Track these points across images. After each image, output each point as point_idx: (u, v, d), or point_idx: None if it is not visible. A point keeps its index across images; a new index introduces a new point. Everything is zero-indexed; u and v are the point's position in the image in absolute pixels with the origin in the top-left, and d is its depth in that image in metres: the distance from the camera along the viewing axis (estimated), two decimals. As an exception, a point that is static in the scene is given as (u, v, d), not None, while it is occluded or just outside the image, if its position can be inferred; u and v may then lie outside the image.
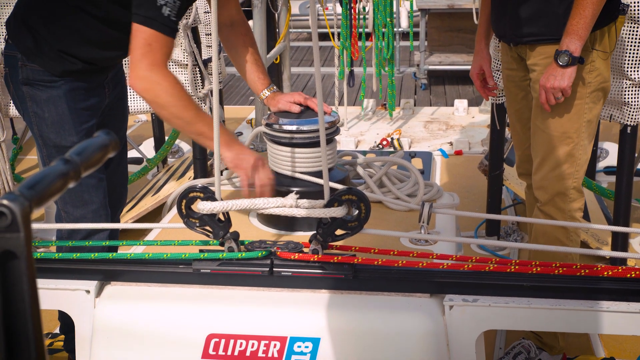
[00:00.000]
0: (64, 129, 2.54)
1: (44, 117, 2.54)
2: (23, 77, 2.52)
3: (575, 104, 2.65)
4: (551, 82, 2.58)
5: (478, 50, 3.02)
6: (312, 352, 1.76)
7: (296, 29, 10.53)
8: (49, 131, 2.56)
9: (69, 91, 2.53)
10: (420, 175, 2.79)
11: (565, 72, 2.56)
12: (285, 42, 5.30)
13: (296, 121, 2.45)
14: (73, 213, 2.63)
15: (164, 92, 2.18)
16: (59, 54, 2.49)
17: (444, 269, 1.83)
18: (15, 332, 0.78)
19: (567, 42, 2.55)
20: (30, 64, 2.50)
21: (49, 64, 2.50)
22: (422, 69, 8.21)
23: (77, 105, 2.55)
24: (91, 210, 2.62)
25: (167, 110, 2.21)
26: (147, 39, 2.18)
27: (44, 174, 0.83)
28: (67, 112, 2.53)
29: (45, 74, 2.50)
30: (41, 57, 2.50)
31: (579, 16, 2.51)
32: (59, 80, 2.51)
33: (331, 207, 1.85)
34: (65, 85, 2.52)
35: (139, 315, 1.87)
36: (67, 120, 2.54)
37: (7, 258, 0.76)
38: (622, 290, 1.72)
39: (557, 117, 2.68)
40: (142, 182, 4.88)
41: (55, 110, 2.53)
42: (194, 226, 1.93)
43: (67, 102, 2.52)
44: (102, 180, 2.66)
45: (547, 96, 2.61)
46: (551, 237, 2.78)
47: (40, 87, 2.52)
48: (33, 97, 2.53)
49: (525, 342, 2.89)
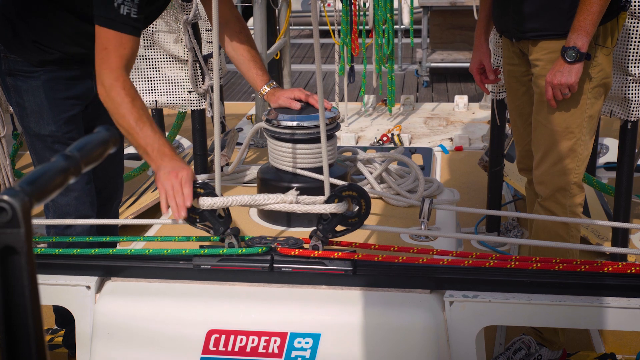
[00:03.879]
0: (42, 118, 2.58)
1: (24, 107, 2.58)
2: (6, 68, 2.57)
3: (578, 99, 2.65)
4: (558, 78, 2.57)
5: (478, 45, 3.01)
6: (313, 348, 1.76)
7: (297, 26, 10.51)
8: (29, 120, 2.60)
9: (47, 81, 2.56)
10: (420, 171, 2.79)
11: (573, 68, 2.56)
12: (285, 37, 5.29)
13: (296, 117, 2.45)
14: (58, 200, 2.64)
15: (109, 99, 2.17)
16: (34, 43, 2.52)
17: (444, 264, 1.83)
18: (16, 328, 0.78)
19: (574, 38, 2.54)
20: (11, 54, 2.55)
21: (27, 54, 2.54)
22: (424, 66, 8.20)
23: (56, 95, 2.57)
24: (74, 197, 2.64)
25: (112, 117, 2.19)
26: (103, 42, 2.19)
27: (44, 170, 0.83)
28: (46, 102, 2.56)
29: (25, 64, 2.55)
30: (20, 48, 2.53)
31: (586, 12, 2.51)
32: (39, 70, 2.55)
33: (331, 203, 1.85)
34: (44, 75, 2.55)
35: (139, 310, 1.88)
36: (46, 109, 2.57)
37: (8, 253, 0.76)
38: (623, 286, 1.72)
39: (559, 112, 2.68)
40: (142, 177, 4.87)
41: (34, 100, 2.57)
42: (194, 222, 1.93)
43: (45, 91, 2.56)
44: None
45: (554, 92, 2.61)
46: (552, 233, 2.78)
47: (21, 77, 2.56)
48: (15, 87, 2.58)
49: (525, 338, 2.89)
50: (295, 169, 2.46)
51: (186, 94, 3.74)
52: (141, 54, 3.70)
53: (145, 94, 3.77)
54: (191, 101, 3.74)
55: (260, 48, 4.46)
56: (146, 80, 3.77)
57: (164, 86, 3.76)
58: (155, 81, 3.76)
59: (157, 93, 3.79)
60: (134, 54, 2.26)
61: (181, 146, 5.57)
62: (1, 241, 0.76)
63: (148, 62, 3.75)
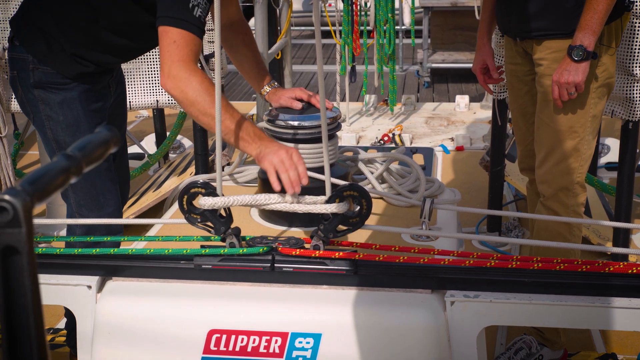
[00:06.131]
0: (80, 130, 2.52)
1: (58, 120, 2.52)
2: (35, 80, 2.48)
3: (583, 99, 2.65)
4: (565, 77, 2.57)
5: (480, 45, 3.01)
6: (314, 348, 1.76)
7: (298, 26, 10.50)
8: (65, 134, 2.53)
9: (82, 93, 2.51)
10: (421, 171, 2.79)
11: (580, 67, 2.55)
12: (286, 37, 5.29)
13: (298, 117, 2.45)
14: (88, 216, 2.58)
15: (192, 89, 2.09)
16: (72, 57, 2.47)
17: (446, 264, 1.83)
18: (17, 328, 0.78)
19: (580, 37, 2.54)
20: (43, 66, 2.47)
21: (62, 66, 2.48)
22: (425, 67, 8.20)
23: (89, 106, 2.54)
24: (107, 214, 2.58)
25: (195, 107, 2.10)
26: (172, 37, 2.13)
27: (45, 170, 0.83)
28: (82, 114, 2.52)
29: (58, 77, 2.48)
30: (54, 59, 2.47)
31: (593, 11, 2.51)
32: (72, 82, 2.49)
33: (333, 203, 1.85)
34: (79, 87, 2.51)
35: (140, 310, 1.88)
36: (82, 122, 2.52)
37: (9, 253, 0.76)
38: (624, 286, 1.72)
39: (563, 111, 2.67)
40: (144, 177, 4.88)
41: (70, 112, 2.51)
42: (195, 222, 1.93)
43: (81, 104, 2.51)
44: (116, 182, 2.64)
45: (561, 91, 2.60)
46: (553, 232, 2.78)
47: (53, 89, 2.49)
48: (46, 100, 2.50)
49: (526, 338, 2.89)
50: (297, 168, 2.45)
51: (187, 94, 3.74)
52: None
53: (146, 94, 3.77)
54: (192, 101, 3.74)
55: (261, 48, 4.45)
56: (147, 80, 3.77)
57: (165, 86, 3.76)
58: (157, 81, 3.76)
59: (158, 93, 3.79)
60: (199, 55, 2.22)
61: (182, 146, 5.57)
62: (2, 241, 0.76)
63: (149, 62, 3.75)
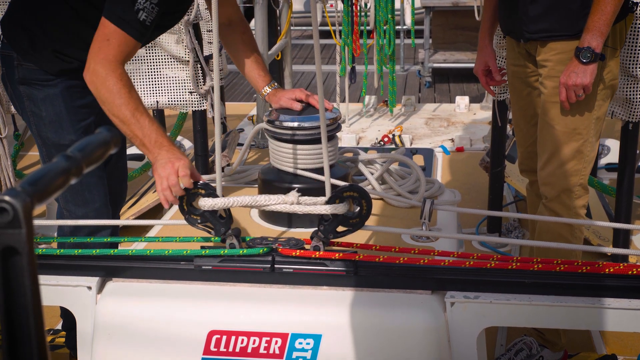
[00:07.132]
0: (62, 127, 2.54)
1: (41, 116, 2.54)
2: (19, 77, 2.52)
3: (588, 100, 2.64)
4: (573, 79, 2.55)
5: (482, 46, 2.99)
6: (314, 349, 1.76)
7: (299, 27, 10.50)
8: (47, 130, 2.55)
9: (65, 89, 2.52)
10: (421, 172, 2.80)
11: (587, 68, 2.54)
12: (286, 38, 5.29)
13: (297, 118, 2.45)
14: (75, 212, 2.61)
15: (105, 88, 2.17)
16: (54, 53, 2.49)
17: (446, 265, 1.83)
18: (17, 328, 0.78)
19: (588, 38, 2.52)
20: (26, 63, 2.50)
21: (45, 63, 2.50)
22: (426, 66, 8.19)
23: (74, 103, 2.54)
24: (93, 209, 2.61)
25: (105, 106, 2.20)
26: (108, 34, 2.19)
27: (45, 170, 0.83)
28: (65, 111, 2.53)
29: (41, 73, 2.50)
30: (36, 56, 2.49)
31: (600, 12, 2.49)
32: (55, 78, 2.51)
33: (333, 204, 1.85)
34: (62, 84, 2.52)
35: (140, 311, 1.88)
36: (65, 118, 2.53)
37: (9, 254, 0.76)
38: (624, 287, 1.72)
39: (568, 113, 2.66)
40: (143, 178, 4.87)
41: (52, 108, 2.52)
42: (195, 223, 1.93)
43: (64, 100, 2.52)
44: (103, 178, 2.65)
45: (568, 94, 2.59)
46: (555, 234, 2.77)
47: (36, 86, 2.51)
48: (30, 96, 2.53)
49: (527, 339, 2.89)
50: (297, 169, 2.46)
51: (187, 95, 3.74)
52: (142, 54, 3.70)
53: (147, 94, 3.77)
54: (192, 102, 3.74)
55: (262, 49, 4.45)
56: (147, 81, 3.77)
57: (165, 87, 3.76)
58: (157, 82, 3.77)
59: (158, 94, 3.79)
60: (132, 57, 2.26)
61: (182, 147, 5.57)
62: (2, 242, 0.76)
63: (149, 62, 3.75)
